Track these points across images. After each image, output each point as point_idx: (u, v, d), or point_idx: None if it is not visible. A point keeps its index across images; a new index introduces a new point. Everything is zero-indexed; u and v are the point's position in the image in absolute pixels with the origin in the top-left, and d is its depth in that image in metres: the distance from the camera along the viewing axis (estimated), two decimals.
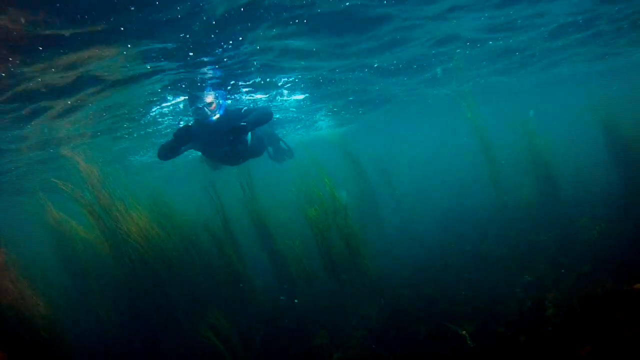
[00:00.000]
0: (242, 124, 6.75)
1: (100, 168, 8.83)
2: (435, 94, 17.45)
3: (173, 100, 9.92)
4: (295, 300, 9.30)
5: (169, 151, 7.34)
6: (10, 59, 6.16)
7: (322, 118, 17.03)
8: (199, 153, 9.82)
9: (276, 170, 10.51)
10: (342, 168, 13.08)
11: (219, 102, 7.58)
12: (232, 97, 10.23)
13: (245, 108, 7.69)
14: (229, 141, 7.55)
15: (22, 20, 5.32)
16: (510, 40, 11.53)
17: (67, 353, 8.30)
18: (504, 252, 10.36)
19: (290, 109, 13.93)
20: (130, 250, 8.22)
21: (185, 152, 8.20)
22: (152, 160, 17.23)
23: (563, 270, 8.21)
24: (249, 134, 8.08)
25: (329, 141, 13.39)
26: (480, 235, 12.24)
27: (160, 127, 12.36)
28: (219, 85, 9.17)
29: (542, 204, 12.20)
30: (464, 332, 6.72)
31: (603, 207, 11.55)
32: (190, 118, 11.44)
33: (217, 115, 7.43)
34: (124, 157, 15.78)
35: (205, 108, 7.34)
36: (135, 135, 12.78)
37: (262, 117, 7.21)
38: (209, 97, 7.48)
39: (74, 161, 8.79)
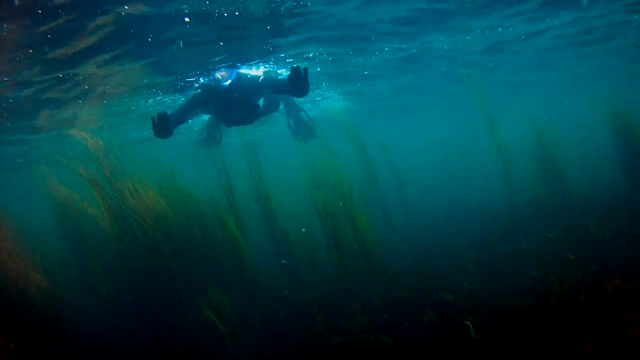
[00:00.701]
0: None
1: (105, 140, 8.75)
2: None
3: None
4: (283, 261, 9.29)
5: (166, 133, 7.05)
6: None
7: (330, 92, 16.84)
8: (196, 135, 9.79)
9: (282, 150, 10.30)
10: (347, 150, 12.97)
11: (229, 71, 7.52)
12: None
13: (262, 78, 7.58)
14: (240, 106, 7.54)
15: None
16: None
17: (66, 330, 8.27)
18: (509, 246, 10.37)
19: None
20: (135, 225, 8.16)
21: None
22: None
23: (569, 268, 8.19)
24: (261, 99, 8.02)
25: (334, 119, 13.23)
26: (486, 228, 12.26)
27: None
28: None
29: (549, 200, 12.14)
30: (468, 322, 6.71)
31: (611, 205, 11.52)
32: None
33: (229, 81, 7.30)
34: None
35: (217, 73, 7.27)
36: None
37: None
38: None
39: (80, 137, 8.70)
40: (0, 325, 7.28)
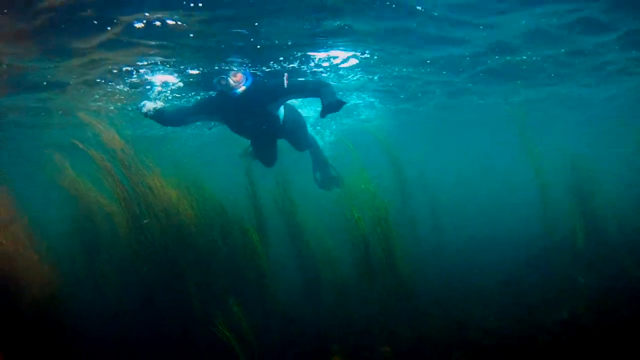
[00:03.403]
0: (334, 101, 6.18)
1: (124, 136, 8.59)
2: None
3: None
4: None
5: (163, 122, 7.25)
6: None
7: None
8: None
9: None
10: (381, 167, 12.79)
11: (245, 74, 7.06)
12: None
13: (288, 82, 7.04)
14: (255, 115, 7.17)
15: None
16: None
17: (66, 328, 7.97)
18: (540, 283, 10.21)
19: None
20: (153, 225, 7.96)
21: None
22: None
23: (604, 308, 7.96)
24: (281, 109, 7.59)
25: (369, 135, 13.03)
26: (517, 261, 12.13)
27: None
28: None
29: (585, 240, 11.94)
30: None
31: None
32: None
33: (243, 88, 6.85)
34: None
35: (229, 79, 6.82)
36: None
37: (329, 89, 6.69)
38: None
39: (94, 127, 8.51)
40: None
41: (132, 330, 8.58)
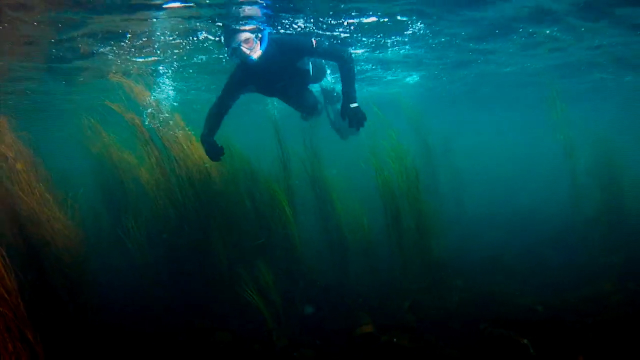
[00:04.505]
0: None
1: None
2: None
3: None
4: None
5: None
6: None
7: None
8: None
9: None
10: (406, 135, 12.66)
11: (256, 35, 6.43)
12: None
13: (316, 42, 6.56)
14: (285, 76, 6.79)
15: None
16: None
17: (90, 290, 7.80)
18: (563, 262, 10.23)
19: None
20: (187, 185, 7.91)
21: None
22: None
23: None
24: (309, 63, 7.19)
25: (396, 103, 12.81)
26: (540, 239, 12.11)
27: None
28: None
29: (610, 221, 11.84)
30: (525, 340, 6.50)
31: None
32: None
33: (259, 52, 6.30)
34: None
35: (242, 47, 6.27)
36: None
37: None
38: (245, 33, 6.37)
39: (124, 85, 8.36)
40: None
41: (157, 290, 8.65)
